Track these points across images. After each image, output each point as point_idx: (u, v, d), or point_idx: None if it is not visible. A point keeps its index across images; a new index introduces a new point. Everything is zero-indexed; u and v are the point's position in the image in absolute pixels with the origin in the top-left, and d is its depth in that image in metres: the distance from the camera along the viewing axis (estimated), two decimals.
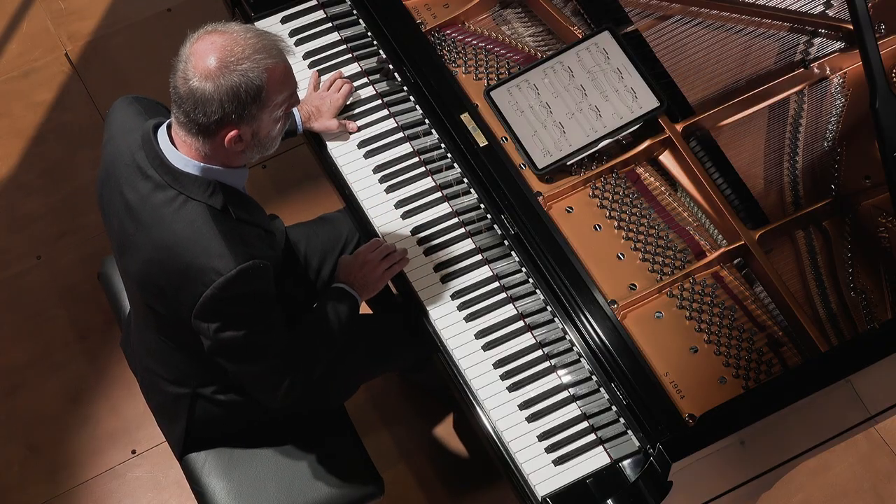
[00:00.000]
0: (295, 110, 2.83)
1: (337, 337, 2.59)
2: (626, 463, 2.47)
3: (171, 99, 2.30)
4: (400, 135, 2.87)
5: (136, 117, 2.44)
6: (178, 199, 2.33)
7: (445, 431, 3.46)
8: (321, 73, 2.95)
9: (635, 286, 2.59)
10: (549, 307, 2.61)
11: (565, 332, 2.57)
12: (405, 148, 2.85)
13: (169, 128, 2.37)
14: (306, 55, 2.99)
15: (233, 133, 2.28)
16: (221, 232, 2.31)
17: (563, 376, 2.58)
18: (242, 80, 2.23)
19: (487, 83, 2.84)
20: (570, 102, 2.75)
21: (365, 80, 2.94)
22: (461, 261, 2.71)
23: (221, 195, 2.34)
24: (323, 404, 2.82)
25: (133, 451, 3.46)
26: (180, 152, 2.34)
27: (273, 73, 2.26)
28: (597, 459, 2.49)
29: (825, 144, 2.75)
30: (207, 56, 2.23)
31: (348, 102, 2.90)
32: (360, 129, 2.88)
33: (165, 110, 2.41)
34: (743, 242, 2.60)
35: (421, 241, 2.74)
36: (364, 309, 3.29)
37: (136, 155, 2.37)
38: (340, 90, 2.86)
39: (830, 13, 2.85)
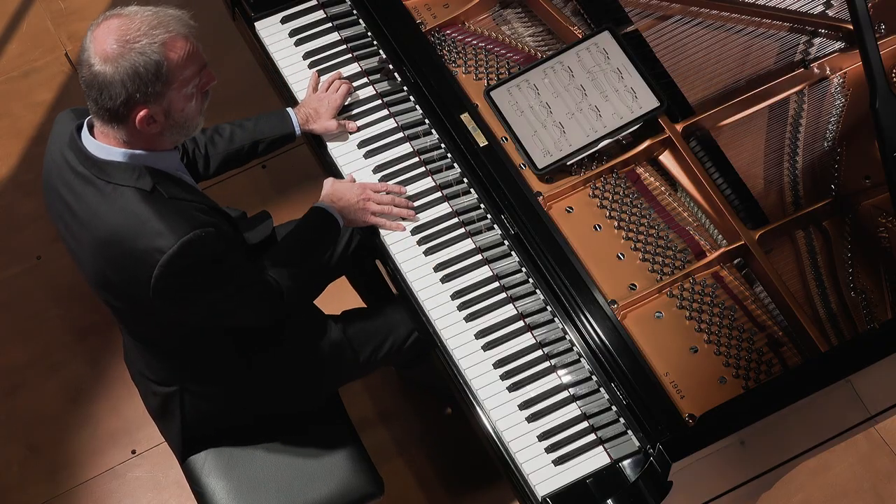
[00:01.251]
0: (292, 113, 2.83)
1: (319, 255, 2.63)
2: (626, 463, 2.47)
3: (83, 89, 2.31)
4: (400, 135, 2.86)
5: (69, 123, 2.44)
6: (107, 189, 2.34)
7: (445, 431, 3.46)
8: (321, 73, 2.95)
9: (635, 286, 2.59)
10: (549, 307, 2.61)
11: (565, 332, 2.57)
12: (405, 148, 2.85)
13: (91, 125, 2.38)
14: (306, 55, 2.98)
15: (143, 113, 2.28)
16: (155, 211, 2.31)
17: (563, 376, 2.58)
18: (140, 58, 2.23)
19: (487, 83, 2.84)
20: (570, 102, 2.75)
21: (365, 80, 2.94)
22: (461, 261, 2.71)
23: (149, 177, 2.34)
24: (314, 397, 2.83)
25: (133, 451, 3.46)
26: (100, 142, 2.35)
27: (171, 46, 2.26)
28: (597, 459, 2.49)
29: (825, 144, 2.75)
30: (106, 39, 2.24)
31: (347, 102, 2.90)
32: (359, 128, 2.88)
33: None
34: (743, 242, 2.60)
35: (421, 241, 2.74)
36: (358, 303, 3.30)
37: (66, 155, 2.39)
38: (338, 91, 2.86)
39: (830, 13, 2.86)
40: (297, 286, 2.59)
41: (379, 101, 2.91)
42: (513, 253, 2.68)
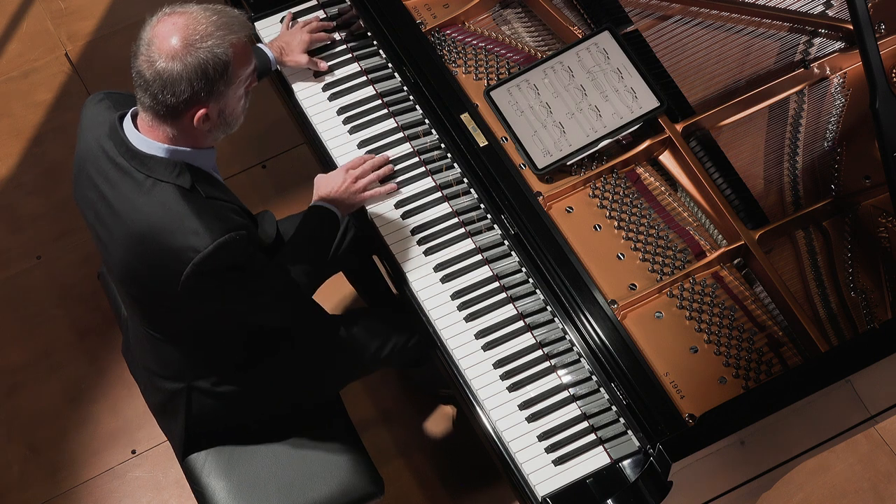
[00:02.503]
0: (266, 49, 2.86)
1: (325, 250, 2.65)
2: (626, 463, 2.47)
3: (134, 84, 2.31)
4: (400, 135, 2.86)
5: (106, 111, 2.45)
6: (147, 183, 2.35)
7: (445, 431, 3.46)
8: (321, 73, 2.95)
9: (635, 286, 2.60)
10: (549, 307, 2.61)
11: (565, 332, 2.57)
12: (405, 148, 2.85)
13: (134, 116, 2.38)
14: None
15: (201, 112, 2.31)
16: (193, 210, 2.33)
17: (563, 376, 2.58)
18: (210, 56, 2.25)
19: (487, 83, 2.84)
20: (570, 102, 2.75)
21: (365, 79, 2.94)
22: (461, 261, 2.71)
23: (189, 175, 2.36)
24: (318, 396, 2.83)
25: (133, 451, 3.46)
26: (144, 136, 2.36)
27: (237, 47, 2.29)
28: (597, 459, 2.49)
29: (825, 144, 2.75)
30: (171, 36, 2.25)
31: (348, 103, 2.89)
32: (360, 129, 2.88)
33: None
34: (743, 242, 2.60)
35: (421, 241, 2.74)
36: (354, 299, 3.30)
37: (104, 144, 2.39)
38: (310, 27, 2.90)
39: (830, 13, 2.86)
40: (312, 283, 2.63)
41: (379, 101, 2.91)
42: (513, 253, 2.68)
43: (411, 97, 2.88)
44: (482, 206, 2.73)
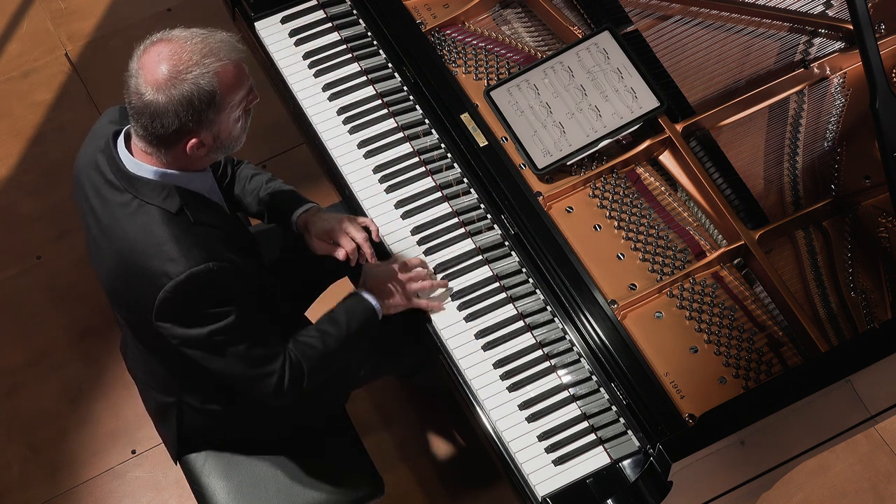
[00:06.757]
0: (299, 213, 2.70)
1: (346, 345, 2.54)
2: (626, 463, 2.47)
3: (128, 113, 2.30)
4: (400, 135, 2.86)
5: (108, 125, 2.43)
6: (133, 203, 2.32)
7: (445, 432, 3.46)
8: (321, 73, 2.95)
9: (635, 286, 2.60)
10: (549, 307, 2.61)
11: (565, 332, 2.57)
12: (405, 148, 2.85)
13: (128, 136, 2.35)
14: (306, 55, 2.98)
15: (193, 141, 2.27)
16: (173, 235, 2.29)
17: (563, 376, 2.58)
18: (194, 87, 2.21)
19: (487, 83, 2.84)
20: (570, 102, 2.75)
21: (364, 79, 2.94)
22: (461, 261, 2.71)
23: (178, 198, 2.32)
24: (321, 410, 2.81)
25: (133, 451, 3.46)
26: (136, 158, 2.33)
27: (224, 75, 2.24)
28: (597, 459, 2.49)
29: (825, 144, 2.75)
30: (157, 67, 2.21)
31: (348, 103, 2.89)
32: (359, 129, 2.88)
33: None
34: (743, 242, 2.60)
35: (421, 241, 2.73)
36: None
37: (98, 159, 2.38)
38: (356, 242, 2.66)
39: (830, 13, 2.86)
40: (323, 370, 2.51)
41: (379, 101, 2.91)
42: (513, 253, 2.68)
43: (411, 97, 2.88)
44: (482, 206, 2.73)
